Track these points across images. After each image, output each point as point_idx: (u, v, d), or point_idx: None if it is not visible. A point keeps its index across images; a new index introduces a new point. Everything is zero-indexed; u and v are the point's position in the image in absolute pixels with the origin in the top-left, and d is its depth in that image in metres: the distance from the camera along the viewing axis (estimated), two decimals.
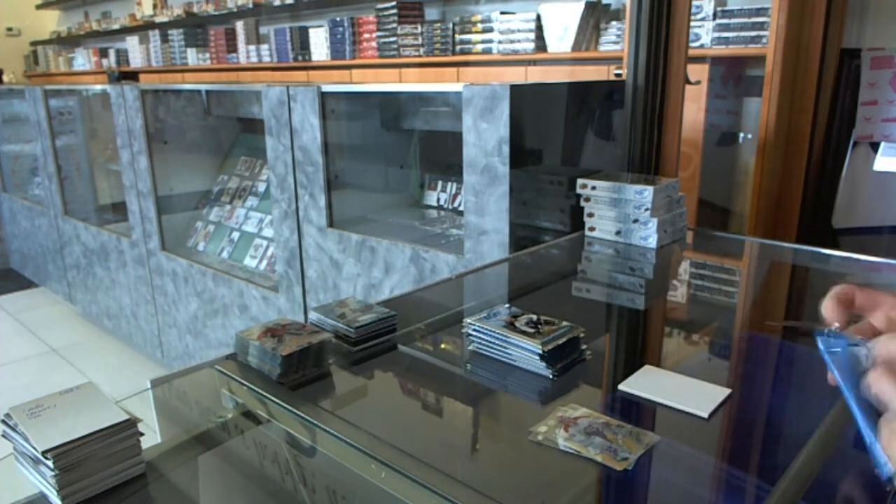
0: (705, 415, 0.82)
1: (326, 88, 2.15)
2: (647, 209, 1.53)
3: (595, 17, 3.53)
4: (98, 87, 3.64)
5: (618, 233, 1.59)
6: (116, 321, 3.67)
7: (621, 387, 0.89)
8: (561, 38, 3.58)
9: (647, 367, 0.95)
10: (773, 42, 2.19)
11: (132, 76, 4.58)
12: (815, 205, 2.44)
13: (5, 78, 6.83)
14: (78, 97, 3.81)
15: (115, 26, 7.31)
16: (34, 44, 8.85)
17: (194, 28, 6.37)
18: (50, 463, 0.66)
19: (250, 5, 5.43)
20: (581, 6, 3.46)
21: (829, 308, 0.61)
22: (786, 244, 1.67)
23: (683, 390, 0.88)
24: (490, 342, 0.98)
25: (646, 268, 1.49)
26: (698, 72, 2.53)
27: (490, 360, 0.97)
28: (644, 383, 0.90)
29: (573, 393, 0.91)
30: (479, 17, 3.99)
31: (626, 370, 0.95)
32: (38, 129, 3.86)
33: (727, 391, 0.87)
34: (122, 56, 7.40)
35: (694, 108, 2.66)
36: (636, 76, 1.82)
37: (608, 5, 3.54)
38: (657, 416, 0.86)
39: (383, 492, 0.71)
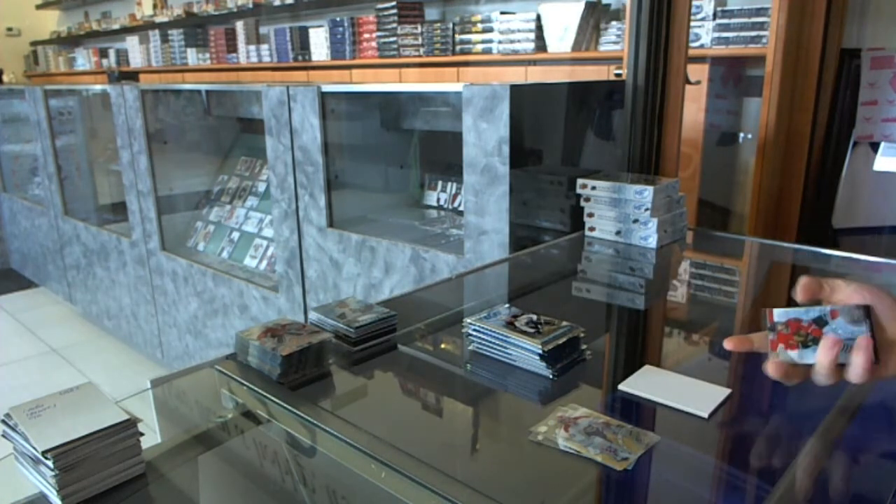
0: (705, 415, 0.82)
1: (326, 88, 2.15)
2: (647, 209, 1.53)
3: (595, 17, 3.53)
4: (98, 87, 3.64)
5: (618, 233, 1.59)
6: (116, 321, 3.67)
7: (621, 387, 0.89)
8: (561, 38, 3.58)
9: (647, 367, 0.95)
10: (773, 42, 2.19)
11: (132, 76, 4.58)
12: (815, 205, 2.44)
13: (5, 78, 6.83)
14: (78, 97, 3.81)
15: (115, 26, 7.31)
16: (34, 44, 8.85)
17: (194, 28, 6.37)
18: (50, 463, 0.66)
19: (250, 5, 5.43)
20: (581, 6, 3.46)
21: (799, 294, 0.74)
22: (786, 244, 1.67)
23: (683, 390, 0.88)
24: (490, 342, 0.98)
25: (646, 268, 1.49)
26: (698, 72, 2.53)
27: (490, 360, 0.97)
28: (644, 383, 0.90)
29: (573, 393, 0.91)
30: (479, 17, 3.99)
31: (626, 370, 0.95)
32: (38, 129, 3.86)
33: (727, 391, 0.87)
34: (122, 56, 7.40)
35: (694, 108, 2.66)
36: (636, 76, 1.82)
37: (608, 5, 3.54)
38: (657, 416, 0.86)
39: (383, 492, 0.71)
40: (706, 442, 0.82)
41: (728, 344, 0.76)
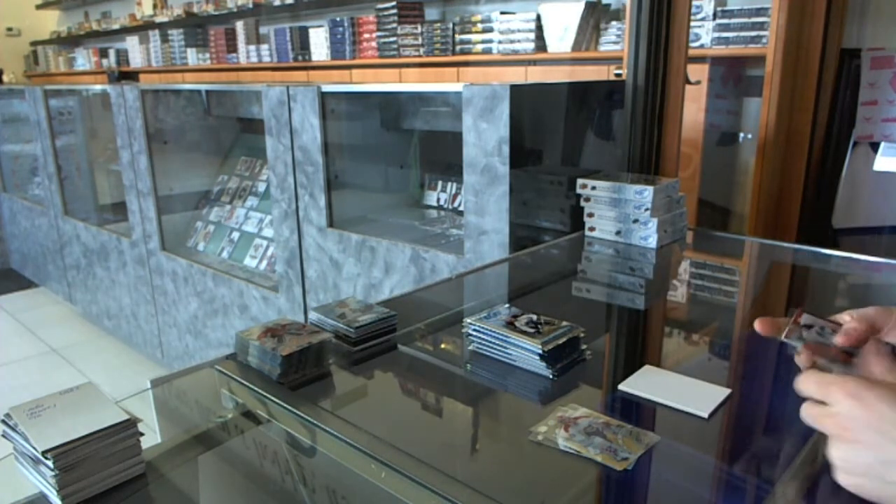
0: (705, 415, 0.82)
1: (326, 88, 2.15)
2: (647, 209, 1.53)
3: (595, 17, 3.53)
4: (98, 87, 3.65)
5: (618, 233, 1.59)
6: (116, 321, 3.67)
7: (621, 387, 0.89)
8: (561, 38, 3.59)
9: (647, 367, 0.95)
10: (773, 42, 2.19)
11: (132, 76, 4.59)
12: (815, 205, 2.44)
13: (5, 78, 6.83)
14: (78, 97, 3.81)
15: (115, 26, 7.31)
16: (34, 44, 8.86)
17: (194, 28, 6.38)
18: (50, 463, 0.66)
19: (250, 5, 5.43)
20: (581, 6, 3.46)
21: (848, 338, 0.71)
22: (786, 244, 1.67)
23: (683, 390, 0.88)
24: (490, 342, 0.98)
25: (646, 268, 1.49)
26: (698, 72, 2.53)
27: (490, 360, 0.97)
28: (644, 383, 0.90)
29: (573, 393, 0.91)
30: (479, 17, 3.99)
31: (626, 370, 0.95)
32: (38, 129, 3.86)
33: (727, 391, 0.87)
34: (122, 56, 7.40)
35: (694, 108, 2.66)
36: (636, 76, 1.82)
37: (608, 5, 3.54)
38: (657, 416, 0.85)
39: (383, 492, 0.71)
40: (706, 442, 0.82)
41: (758, 325, 0.76)
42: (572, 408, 0.83)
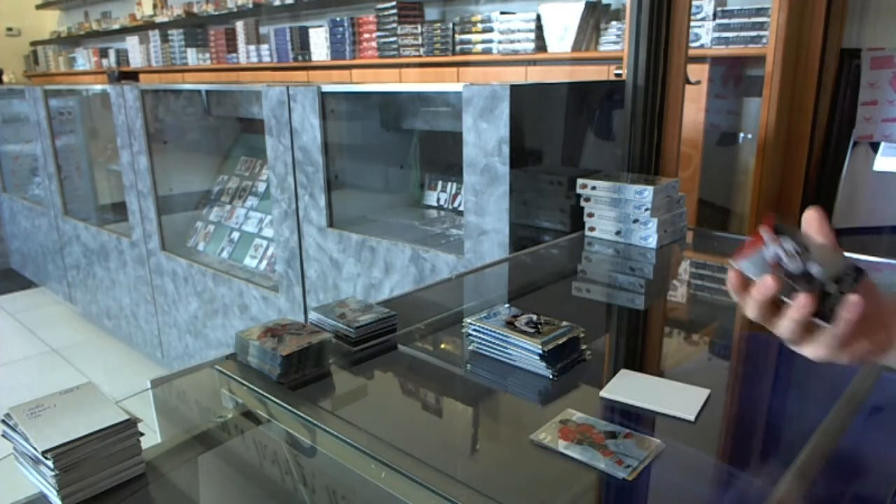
0: (692, 417, 0.82)
1: (326, 88, 2.15)
2: (647, 209, 1.53)
3: (595, 17, 3.52)
4: (98, 87, 3.65)
5: (618, 233, 1.59)
6: (116, 321, 3.67)
7: (603, 393, 0.89)
8: (561, 38, 3.58)
9: (623, 371, 0.95)
10: (773, 42, 2.19)
11: (132, 76, 4.58)
12: (815, 205, 2.44)
13: (5, 78, 6.83)
14: (78, 97, 3.81)
15: (115, 26, 7.31)
16: (34, 44, 8.85)
17: (194, 28, 6.37)
18: (50, 463, 0.66)
19: (250, 5, 5.43)
20: (581, 6, 3.46)
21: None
22: None
23: (668, 391, 0.88)
24: (490, 342, 0.97)
25: (646, 268, 1.49)
26: (698, 72, 2.53)
27: (490, 360, 0.97)
28: (629, 387, 0.90)
29: (573, 393, 0.91)
30: (479, 17, 3.98)
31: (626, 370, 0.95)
32: (38, 129, 3.86)
33: (707, 391, 0.87)
34: (122, 56, 7.40)
35: (694, 108, 2.66)
36: (636, 76, 1.82)
37: (608, 5, 3.53)
38: (657, 417, 0.85)
39: (383, 492, 0.71)
40: (706, 443, 0.82)
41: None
42: (574, 413, 0.83)
